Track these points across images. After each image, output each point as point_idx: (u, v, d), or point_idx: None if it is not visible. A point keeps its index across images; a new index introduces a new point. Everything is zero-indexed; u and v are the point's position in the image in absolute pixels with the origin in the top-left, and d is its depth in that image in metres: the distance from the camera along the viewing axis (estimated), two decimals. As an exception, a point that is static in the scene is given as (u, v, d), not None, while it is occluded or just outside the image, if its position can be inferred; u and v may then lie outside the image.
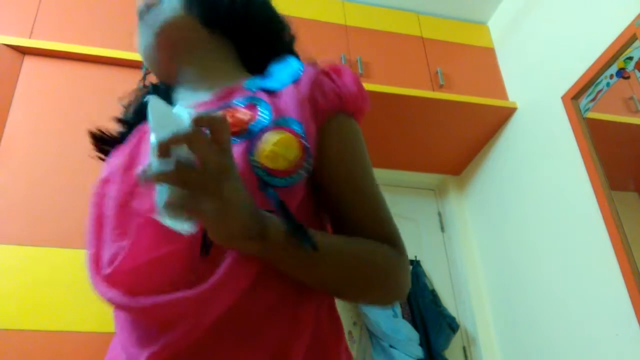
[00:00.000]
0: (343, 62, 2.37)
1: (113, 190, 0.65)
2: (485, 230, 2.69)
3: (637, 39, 1.90)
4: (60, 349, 1.55)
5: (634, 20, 1.92)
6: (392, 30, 2.61)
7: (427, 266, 2.65)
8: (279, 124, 0.61)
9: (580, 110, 2.14)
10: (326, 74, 0.70)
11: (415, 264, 2.62)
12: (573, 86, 2.17)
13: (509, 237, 2.50)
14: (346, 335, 2.44)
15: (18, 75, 1.94)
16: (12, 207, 1.72)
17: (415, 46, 2.61)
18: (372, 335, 2.29)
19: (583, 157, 2.08)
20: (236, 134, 0.60)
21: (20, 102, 1.89)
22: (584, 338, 1.99)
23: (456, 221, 2.81)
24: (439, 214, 2.91)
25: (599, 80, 2.07)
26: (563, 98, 2.22)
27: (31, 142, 1.85)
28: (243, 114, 0.62)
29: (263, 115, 0.62)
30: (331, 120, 0.66)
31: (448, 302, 2.59)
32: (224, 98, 0.68)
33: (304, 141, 0.60)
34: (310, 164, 0.60)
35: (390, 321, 2.27)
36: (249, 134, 0.60)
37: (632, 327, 1.79)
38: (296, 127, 0.60)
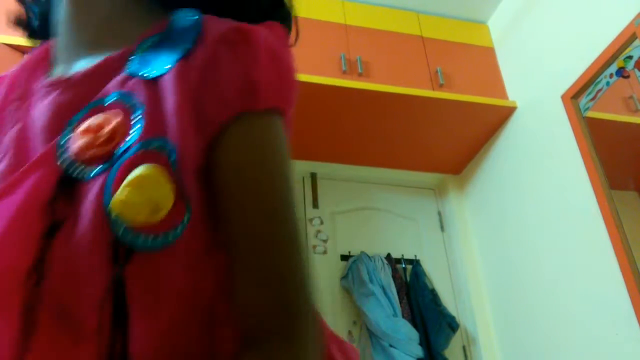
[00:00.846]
0: (343, 61, 2.37)
1: None
2: (485, 230, 2.69)
3: (636, 38, 1.90)
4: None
5: (633, 20, 1.92)
6: (392, 30, 2.61)
7: (427, 265, 2.65)
8: (148, 147, 0.41)
9: (580, 110, 2.14)
10: (233, 48, 0.45)
11: (415, 263, 2.62)
12: (573, 85, 2.18)
13: (509, 236, 2.50)
14: (346, 335, 2.44)
15: (18, 75, 1.94)
16: (13, 206, 1.72)
17: (415, 45, 2.61)
18: (371, 335, 2.29)
19: (583, 156, 2.08)
20: (97, 162, 0.42)
21: (20, 102, 1.89)
22: (583, 337, 2.00)
23: (456, 220, 2.81)
24: (439, 214, 2.91)
25: (598, 80, 2.07)
26: (563, 97, 2.22)
27: (31, 142, 1.84)
28: (112, 125, 0.43)
29: (133, 132, 0.42)
30: (227, 129, 0.43)
31: (448, 301, 2.59)
32: (100, 78, 0.47)
33: (177, 178, 0.41)
34: (190, 213, 0.41)
35: (390, 320, 2.28)
36: (113, 161, 0.41)
37: (632, 327, 1.79)
38: (172, 156, 0.41)
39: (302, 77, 2.45)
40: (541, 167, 2.34)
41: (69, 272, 0.38)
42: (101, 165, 0.41)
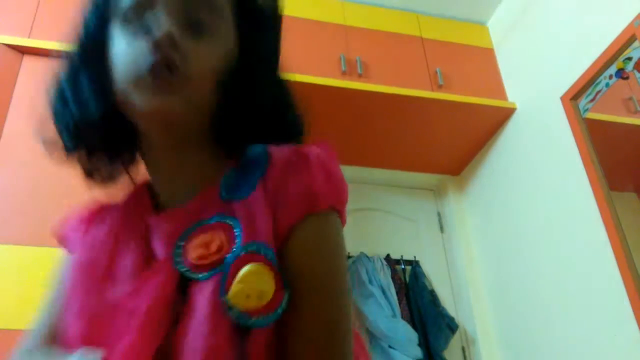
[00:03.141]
0: (342, 62, 2.37)
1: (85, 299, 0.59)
2: (484, 231, 2.69)
3: (636, 39, 1.91)
4: (60, 349, 1.55)
5: (633, 21, 1.92)
6: (392, 30, 2.61)
7: (426, 266, 2.65)
8: (248, 251, 0.53)
9: (579, 111, 2.15)
10: (294, 167, 0.58)
11: (415, 264, 2.62)
12: (572, 86, 2.18)
13: (508, 237, 2.50)
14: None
15: (17, 75, 1.94)
16: (12, 207, 1.72)
17: (415, 46, 2.61)
18: (371, 336, 2.29)
19: (582, 158, 2.08)
20: (208, 267, 0.54)
21: (19, 102, 1.89)
22: (582, 338, 2.00)
23: (455, 221, 2.81)
24: (438, 214, 2.91)
25: (598, 81, 2.07)
26: (562, 98, 2.22)
27: (30, 142, 1.84)
28: (217, 241, 0.55)
29: (236, 242, 0.55)
30: (295, 229, 0.56)
31: (447, 302, 2.59)
32: (200, 208, 0.60)
33: (277, 269, 0.53)
34: (288, 295, 0.53)
35: (389, 321, 2.28)
36: (223, 266, 0.53)
37: (631, 328, 1.79)
38: (268, 254, 0.53)
39: (302, 77, 2.45)
40: (540, 168, 2.34)
41: (205, 347, 0.49)
42: (213, 269, 0.54)
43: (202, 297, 0.52)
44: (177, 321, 0.52)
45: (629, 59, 1.95)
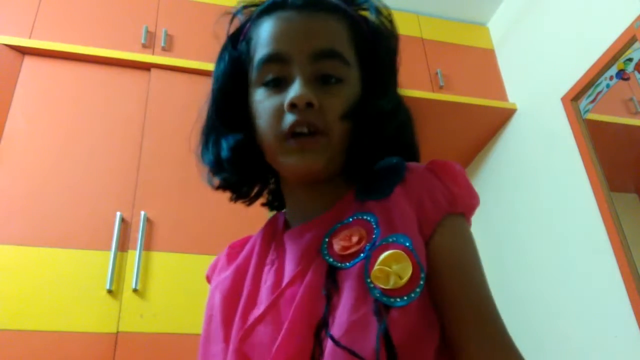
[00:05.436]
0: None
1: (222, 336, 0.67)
2: (484, 231, 2.69)
3: (636, 40, 1.91)
4: (60, 349, 1.55)
5: (633, 22, 1.92)
6: (392, 31, 2.61)
7: (427, 267, 2.65)
8: (388, 241, 0.60)
9: (580, 112, 2.15)
10: (434, 173, 0.66)
11: (415, 264, 2.62)
12: (573, 87, 2.18)
13: (508, 238, 2.50)
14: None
15: (18, 76, 1.94)
16: (12, 207, 1.72)
17: (415, 47, 2.61)
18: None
19: (583, 159, 2.08)
20: (353, 256, 0.61)
21: (20, 102, 1.89)
22: (582, 339, 2.00)
23: (456, 222, 2.81)
24: (439, 215, 2.91)
25: (598, 82, 2.07)
26: (563, 99, 2.22)
27: (31, 142, 1.84)
28: (357, 234, 0.63)
29: (375, 234, 0.62)
30: (440, 226, 0.63)
31: (447, 303, 2.59)
32: (338, 213, 0.67)
33: (415, 256, 0.58)
34: (424, 279, 0.58)
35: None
36: (363, 255, 0.60)
37: (632, 329, 1.79)
38: (406, 243, 0.59)
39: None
40: (541, 169, 2.34)
41: (350, 321, 0.55)
42: (355, 258, 0.60)
43: (349, 281, 0.58)
44: (329, 303, 0.58)
45: (630, 60, 1.95)
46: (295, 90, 0.64)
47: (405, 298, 0.57)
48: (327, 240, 0.64)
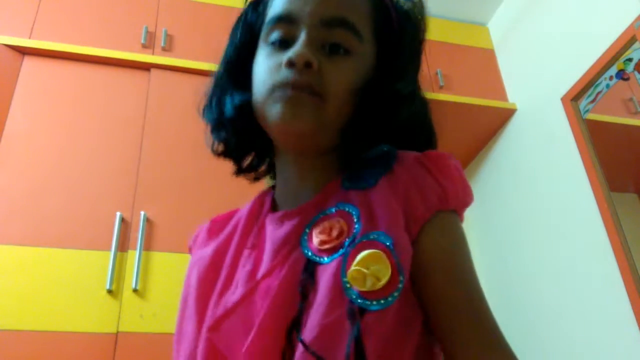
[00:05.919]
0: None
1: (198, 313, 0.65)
2: (483, 232, 2.69)
3: (636, 40, 1.91)
4: (61, 349, 1.55)
5: (633, 22, 1.92)
6: (392, 31, 2.61)
7: (427, 267, 2.65)
8: (369, 238, 0.57)
9: (580, 112, 2.15)
10: (424, 166, 0.62)
11: (415, 264, 2.62)
12: (573, 87, 2.18)
13: (508, 238, 2.50)
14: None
15: (18, 76, 1.94)
16: (12, 207, 1.72)
17: (415, 47, 2.60)
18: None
19: (583, 159, 2.08)
20: (331, 251, 0.58)
21: (20, 103, 1.89)
22: (582, 340, 2.00)
23: (456, 222, 2.81)
24: (439, 215, 2.91)
25: (598, 82, 2.07)
26: (563, 99, 2.22)
27: (31, 142, 1.84)
28: (338, 227, 0.59)
29: (356, 228, 0.58)
30: (429, 223, 0.59)
31: (447, 303, 2.59)
32: (322, 201, 0.64)
33: (394, 257, 0.55)
34: (403, 282, 0.55)
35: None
36: (342, 250, 0.57)
37: (631, 329, 1.79)
38: (387, 242, 0.56)
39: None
40: (541, 169, 2.34)
41: (322, 324, 0.53)
42: (335, 253, 0.57)
43: (325, 278, 0.56)
44: (304, 301, 0.56)
45: (630, 60, 1.95)
46: (295, 48, 0.62)
47: (382, 302, 0.53)
48: (307, 231, 0.61)
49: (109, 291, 1.65)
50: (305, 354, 0.52)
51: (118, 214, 1.76)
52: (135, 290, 1.67)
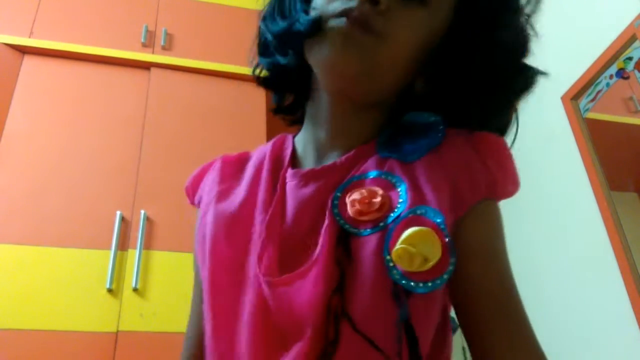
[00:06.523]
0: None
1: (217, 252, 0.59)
2: (484, 230, 2.69)
3: (636, 39, 1.90)
4: (61, 348, 1.55)
5: (633, 21, 1.92)
6: (392, 30, 2.61)
7: (427, 266, 2.65)
8: (416, 213, 0.51)
9: (579, 111, 2.14)
10: (476, 149, 0.57)
11: (415, 263, 2.61)
12: (572, 86, 2.17)
13: (508, 238, 2.49)
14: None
15: (18, 75, 1.94)
16: (12, 207, 1.72)
17: (415, 46, 2.60)
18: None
19: (582, 158, 2.08)
20: (371, 224, 0.52)
21: (20, 102, 1.89)
22: (582, 339, 2.00)
23: (456, 221, 2.81)
24: (439, 214, 2.90)
25: (598, 81, 2.07)
26: (562, 98, 2.22)
27: (31, 142, 1.85)
28: (379, 197, 0.53)
29: (401, 201, 0.53)
30: (474, 210, 0.55)
31: (447, 302, 2.59)
32: (353, 164, 0.58)
33: (446, 237, 0.50)
34: (454, 265, 0.50)
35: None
36: (385, 224, 0.52)
37: (631, 329, 1.79)
38: (437, 219, 0.51)
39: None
40: (540, 168, 2.34)
41: (368, 305, 0.49)
42: (374, 227, 0.52)
43: (364, 254, 0.51)
44: (342, 274, 0.51)
45: (630, 58, 1.95)
46: None
47: (430, 284, 0.49)
48: (339, 195, 0.55)
49: (109, 290, 1.65)
50: (353, 335, 0.48)
51: (118, 213, 1.76)
52: (135, 289, 1.67)
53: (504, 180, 0.57)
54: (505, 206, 0.58)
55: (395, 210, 0.52)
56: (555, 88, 2.27)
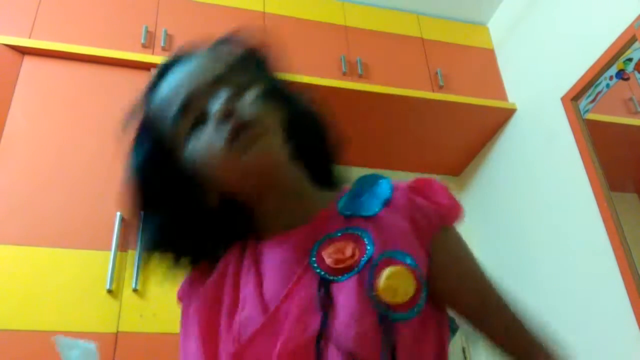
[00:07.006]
0: (343, 63, 2.37)
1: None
2: (484, 231, 2.69)
3: (636, 40, 1.91)
4: (60, 349, 1.55)
5: (633, 22, 1.92)
6: (392, 31, 2.61)
7: (427, 267, 2.65)
8: (387, 256, 0.63)
9: (580, 112, 2.15)
10: (418, 192, 0.71)
11: (415, 264, 2.62)
12: (573, 87, 2.18)
13: (508, 238, 2.50)
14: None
15: (17, 76, 1.94)
16: (12, 207, 1.72)
17: (415, 47, 2.61)
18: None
19: (583, 158, 2.08)
20: (346, 271, 0.62)
21: (19, 102, 1.89)
22: (582, 339, 1.99)
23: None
24: (439, 215, 2.90)
25: (598, 82, 2.07)
26: (563, 99, 2.23)
27: (31, 142, 1.84)
28: (350, 248, 0.64)
29: (369, 248, 0.64)
30: (435, 237, 0.68)
31: (447, 303, 2.59)
32: (321, 226, 0.69)
33: (417, 271, 0.63)
34: (426, 293, 0.63)
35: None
36: (358, 268, 0.62)
37: (631, 329, 1.79)
38: (407, 260, 0.63)
39: (302, 78, 2.44)
40: (541, 169, 2.34)
41: (357, 332, 0.57)
42: (350, 272, 0.62)
43: (347, 294, 0.60)
44: (325, 316, 0.59)
45: (630, 60, 1.95)
46: (214, 107, 0.66)
47: (408, 312, 0.60)
48: (314, 252, 0.65)
49: (109, 291, 1.65)
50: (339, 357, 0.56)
51: (118, 213, 1.76)
52: (135, 290, 1.67)
53: (448, 209, 0.70)
54: (505, 206, 0.62)
55: (364, 256, 0.63)
56: (555, 89, 2.27)
